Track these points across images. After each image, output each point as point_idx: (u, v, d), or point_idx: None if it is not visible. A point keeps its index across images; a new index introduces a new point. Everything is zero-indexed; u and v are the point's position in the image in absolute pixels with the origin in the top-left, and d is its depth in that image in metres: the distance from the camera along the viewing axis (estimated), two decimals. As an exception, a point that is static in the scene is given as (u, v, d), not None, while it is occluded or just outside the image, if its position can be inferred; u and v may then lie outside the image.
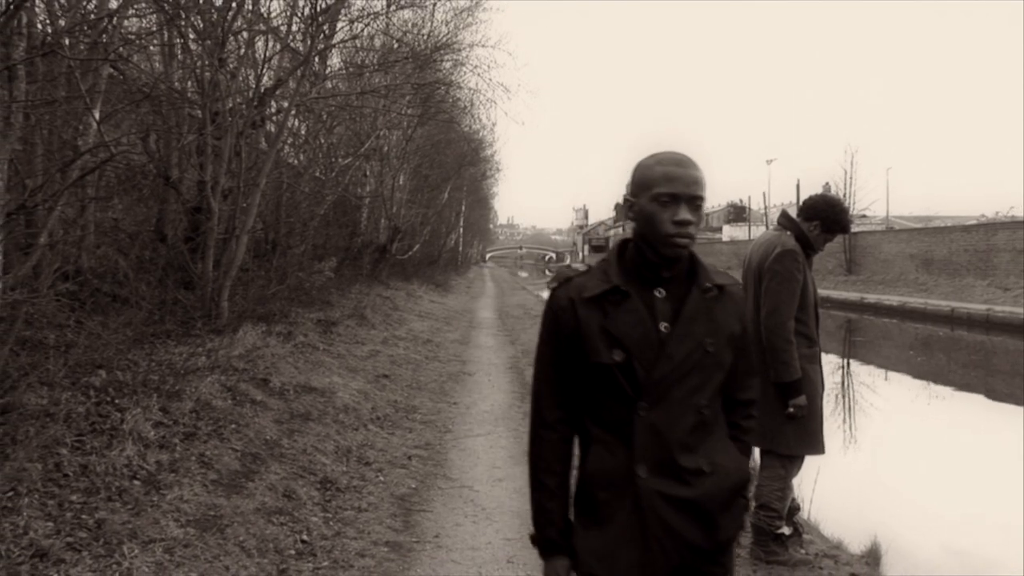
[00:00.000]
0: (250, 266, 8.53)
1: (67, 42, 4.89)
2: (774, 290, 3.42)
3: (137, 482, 3.65)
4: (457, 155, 23.31)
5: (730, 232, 66.11)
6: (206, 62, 7.13)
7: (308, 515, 3.98)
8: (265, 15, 8.84)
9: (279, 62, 9.23)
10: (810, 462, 3.65)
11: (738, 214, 73.05)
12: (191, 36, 7.25)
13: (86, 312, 5.36)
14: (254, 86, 8.15)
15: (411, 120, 15.87)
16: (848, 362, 13.84)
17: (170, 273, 6.93)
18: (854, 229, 26.80)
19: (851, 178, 32.11)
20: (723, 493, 1.57)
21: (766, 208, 48.83)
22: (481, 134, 25.40)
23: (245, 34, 8.00)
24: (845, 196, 30.10)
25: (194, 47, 7.32)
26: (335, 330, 9.12)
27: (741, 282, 1.73)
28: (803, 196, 4.38)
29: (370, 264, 16.28)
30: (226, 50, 7.23)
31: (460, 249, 42.10)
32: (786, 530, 3.65)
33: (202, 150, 7.22)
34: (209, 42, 7.07)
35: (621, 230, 77.02)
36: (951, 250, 24.94)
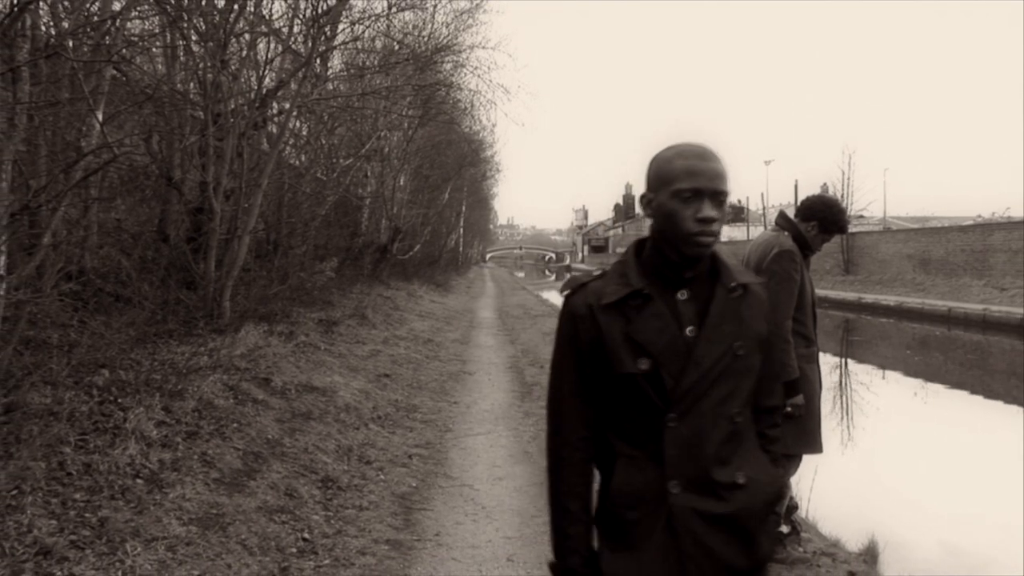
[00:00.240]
0: (252, 266, 8.56)
1: (71, 44, 4.92)
2: (772, 290, 3.42)
3: (140, 481, 3.68)
4: (457, 156, 23.33)
5: (728, 232, 66.10)
6: (208, 64, 7.16)
7: (309, 513, 4.01)
8: (267, 17, 8.87)
9: (281, 64, 9.27)
10: (808, 461, 3.68)
11: (736, 214, 73.01)
12: (193, 38, 7.29)
13: (89, 312, 5.40)
14: (256, 87, 8.18)
15: (412, 121, 15.91)
16: (846, 361, 13.86)
17: (172, 273, 6.96)
18: (852, 229, 26.80)
19: (849, 179, 32.18)
20: (759, 507, 1.47)
21: (764, 208, 48.88)
22: (481, 135, 25.44)
23: (247, 36, 8.02)
24: (843, 197, 30.11)
25: (196, 49, 7.36)
26: (336, 330, 9.15)
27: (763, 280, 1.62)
28: (801, 197, 4.41)
29: (371, 264, 16.31)
30: (228, 52, 7.25)
31: (460, 249, 42.10)
32: (784, 528, 3.67)
33: (204, 151, 7.24)
34: (211, 44, 7.10)
35: (621, 230, 77.02)
36: (948, 250, 24.98)
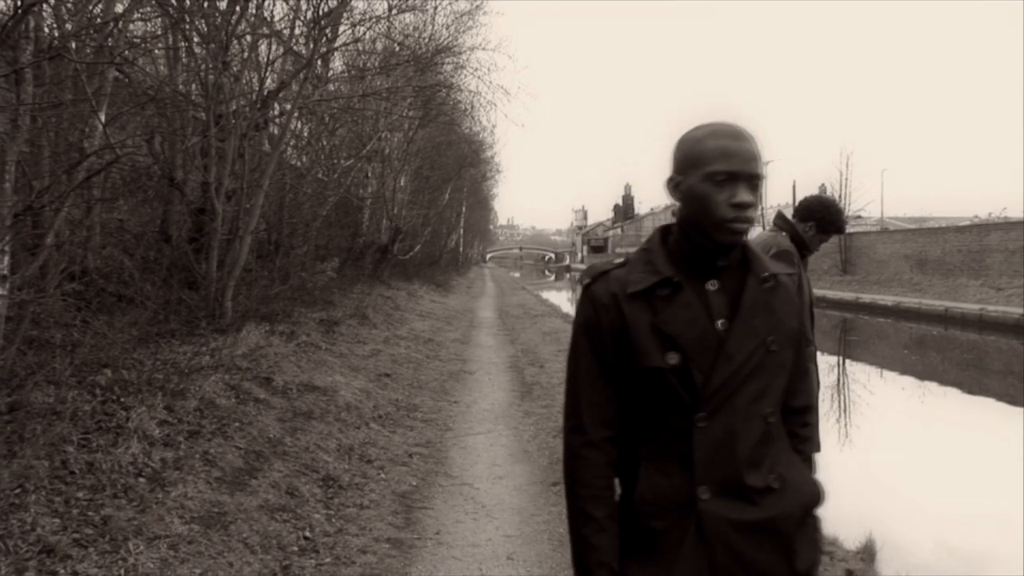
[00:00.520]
0: (253, 266, 8.59)
1: (73, 46, 4.94)
2: None
3: (142, 479, 3.70)
4: (458, 157, 23.35)
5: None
6: (210, 65, 7.20)
7: (311, 512, 4.03)
8: (268, 19, 8.90)
9: (282, 65, 9.29)
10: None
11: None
12: (195, 40, 7.32)
13: (92, 312, 5.42)
14: (257, 89, 8.22)
15: (412, 122, 15.93)
16: (844, 361, 13.89)
17: (174, 273, 6.99)
18: (849, 230, 26.92)
19: (846, 179, 32.28)
20: (795, 512, 1.36)
21: (762, 209, 48.87)
22: (481, 136, 25.47)
23: (249, 38, 8.05)
24: (840, 197, 30.22)
25: (198, 51, 7.39)
26: (337, 329, 9.18)
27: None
28: (799, 197, 4.43)
29: (372, 264, 16.34)
30: (230, 53, 7.28)
31: (461, 249, 42.12)
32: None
33: (206, 152, 7.27)
34: (213, 46, 7.13)
35: (620, 231, 77.01)
36: (945, 251, 25.02)
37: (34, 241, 4.62)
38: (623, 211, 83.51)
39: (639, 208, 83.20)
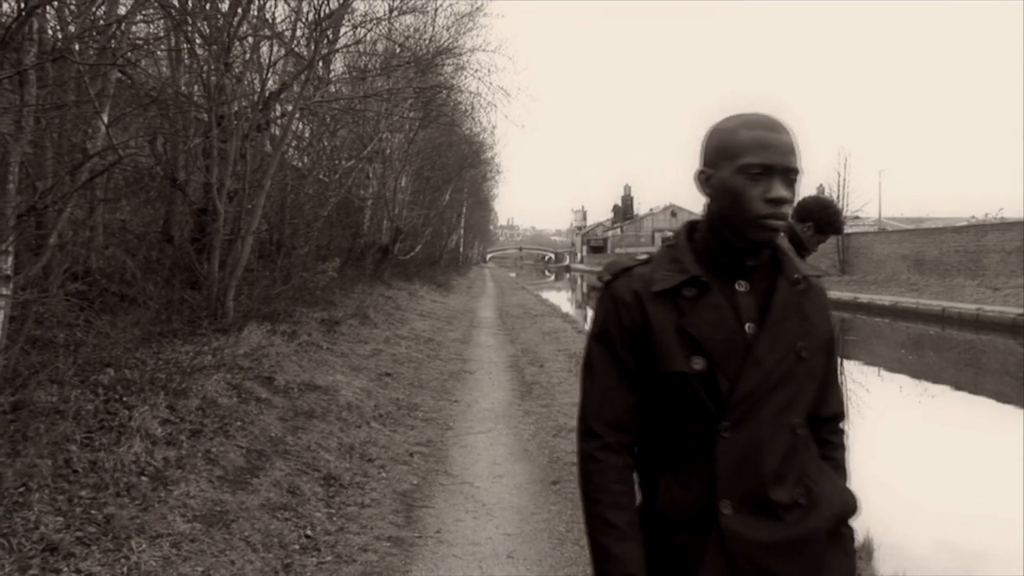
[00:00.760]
0: (255, 266, 8.62)
1: (77, 47, 4.96)
2: None
3: (145, 478, 3.72)
4: (458, 157, 23.38)
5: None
6: (212, 67, 7.23)
7: (312, 511, 4.05)
8: (270, 21, 8.93)
9: (283, 66, 9.32)
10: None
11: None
12: (198, 41, 7.34)
13: (95, 312, 5.45)
14: (259, 90, 8.25)
15: (413, 123, 15.95)
16: (842, 360, 13.90)
17: (177, 273, 7.02)
18: (847, 230, 26.93)
19: (844, 180, 32.43)
20: (825, 527, 1.28)
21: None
22: (482, 137, 25.54)
23: (250, 39, 8.08)
24: (838, 198, 30.38)
25: (200, 52, 7.42)
26: (338, 329, 9.21)
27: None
28: (797, 197, 4.45)
29: (373, 264, 16.37)
30: (232, 55, 7.31)
31: (461, 250, 42.15)
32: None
33: (208, 153, 7.30)
34: (215, 47, 7.16)
35: (619, 231, 76.98)
36: (942, 251, 25.07)
37: (37, 241, 4.65)
38: (622, 211, 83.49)
39: (638, 209, 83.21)
